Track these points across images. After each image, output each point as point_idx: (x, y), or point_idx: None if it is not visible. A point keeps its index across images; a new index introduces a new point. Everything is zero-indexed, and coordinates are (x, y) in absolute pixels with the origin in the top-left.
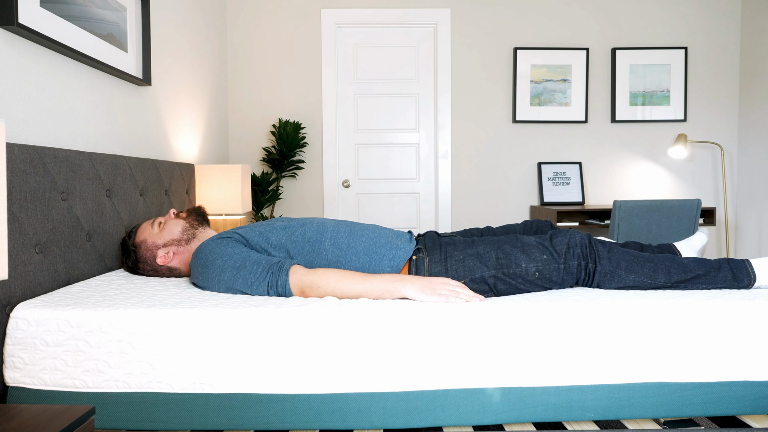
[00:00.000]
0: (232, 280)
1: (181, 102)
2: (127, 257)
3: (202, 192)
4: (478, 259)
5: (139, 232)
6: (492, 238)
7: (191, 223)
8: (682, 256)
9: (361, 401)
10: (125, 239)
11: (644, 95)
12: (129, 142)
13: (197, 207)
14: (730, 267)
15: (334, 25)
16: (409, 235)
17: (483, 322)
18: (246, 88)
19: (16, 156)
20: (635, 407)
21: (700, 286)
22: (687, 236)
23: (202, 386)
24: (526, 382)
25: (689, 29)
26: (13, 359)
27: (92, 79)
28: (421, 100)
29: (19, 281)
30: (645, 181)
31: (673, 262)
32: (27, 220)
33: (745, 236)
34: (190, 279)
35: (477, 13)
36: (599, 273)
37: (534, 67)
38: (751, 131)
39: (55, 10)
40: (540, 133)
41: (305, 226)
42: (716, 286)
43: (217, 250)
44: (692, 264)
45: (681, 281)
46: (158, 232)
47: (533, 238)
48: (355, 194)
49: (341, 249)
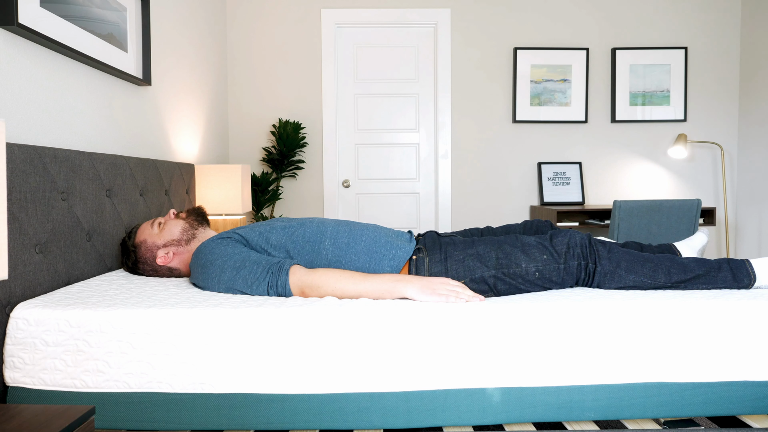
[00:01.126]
0: (232, 281)
1: (181, 102)
2: (127, 257)
3: (202, 192)
4: (478, 259)
5: (138, 232)
6: (492, 238)
7: (191, 223)
8: (682, 256)
9: (361, 401)
10: (125, 239)
11: (644, 95)
12: (129, 142)
13: (197, 207)
14: (730, 267)
15: (334, 25)
16: (409, 235)
17: (483, 322)
18: (246, 88)
19: (16, 156)
20: (635, 407)
21: (700, 286)
22: (687, 236)
23: (202, 386)
24: (526, 382)
25: (689, 29)
26: (13, 359)
27: (92, 79)
28: (421, 100)
29: (19, 281)
30: (645, 181)
31: (673, 262)
32: (27, 220)
33: (745, 236)
34: (190, 279)
35: (477, 13)
36: (599, 273)
37: (534, 67)
38: (751, 131)
39: (55, 10)
40: (540, 133)
41: (305, 226)
42: (716, 286)
43: (216, 250)
44: (692, 264)
45: (681, 281)
46: (158, 232)
47: (533, 238)
48: (355, 194)
49: (341, 249)
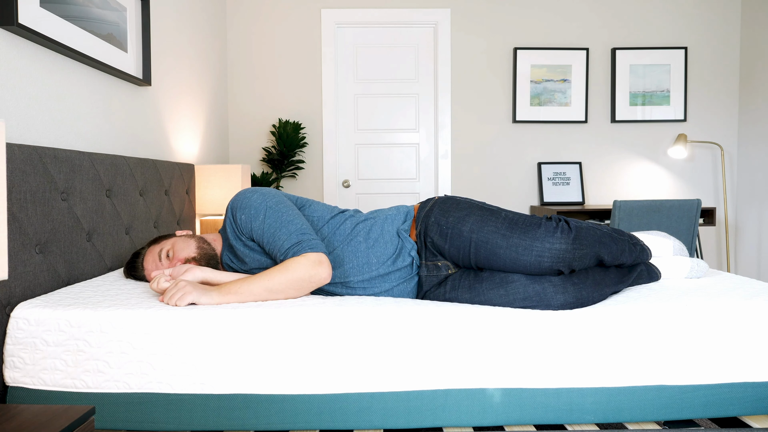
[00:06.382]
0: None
1: (181, 102)
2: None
3: (202, 192)
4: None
5: (146, 270)
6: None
7: (200, 245)
8: (659, 276)
9: (361, 401)
10: (133, 273)
11: (644, 95)
12: (129, 142)
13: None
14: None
15: (334, 25)
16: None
17: (483, 322)
18: (246, 88)
19: (16, 156)
20: (636, 410)
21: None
22: (687, 236)
23: (202, 386)
24: (527, 384)
25: (689, 29)
26: (13, 359)
27: (92, 79)
28: (421, 100)
29: (19, 281)
30: (645, 181)
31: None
32: (27, 220)
33: (745, 236)
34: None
35: (477, 13)
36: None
37: (534, 67)
38: (751, 131)
39: (55, 10)
40: (540, 133)
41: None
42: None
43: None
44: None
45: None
46: (167, 264)
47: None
48: (355, 194)
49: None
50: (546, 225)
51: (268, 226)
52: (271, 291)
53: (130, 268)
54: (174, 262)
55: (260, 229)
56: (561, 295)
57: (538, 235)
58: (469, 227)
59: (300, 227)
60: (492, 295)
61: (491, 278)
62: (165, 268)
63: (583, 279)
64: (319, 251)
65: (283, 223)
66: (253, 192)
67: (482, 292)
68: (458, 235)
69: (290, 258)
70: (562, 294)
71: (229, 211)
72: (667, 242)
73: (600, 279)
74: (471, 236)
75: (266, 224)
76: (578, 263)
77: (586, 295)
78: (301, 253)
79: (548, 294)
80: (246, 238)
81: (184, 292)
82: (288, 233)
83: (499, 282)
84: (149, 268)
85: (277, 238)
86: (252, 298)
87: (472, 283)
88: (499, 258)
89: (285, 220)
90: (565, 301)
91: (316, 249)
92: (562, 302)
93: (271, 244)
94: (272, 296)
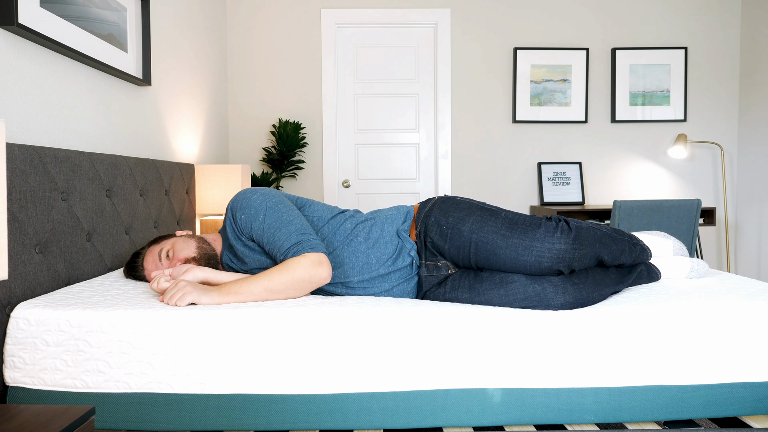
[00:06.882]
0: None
1: (181, 102)
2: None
3: (202, 192)
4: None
5: (146, 270)
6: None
7: (200, 245)
8: (659, 276)
9: (361, 401)
10: (133, 273)
11: (644, 95)
12: (129, 142)
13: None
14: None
15: (334, 25)
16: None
17: (483, 322)
18: (246, 88)
19: (16, 156)
20: (636, 410)
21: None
22: (687, 236)
23: (202, 386)
24: (527, 384)
25: (689, 29)
26: (13, 359)
27: (92, 79)
28: (421, 100)
29: (19, 281)
30: (645, 181)
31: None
32: (27, 220)
33: (745, 236)
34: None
35: (477, 13)
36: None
37: (534, 67)
38: (751, 131)
39: (55, 10)
40: (540, 133)
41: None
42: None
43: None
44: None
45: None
46: (167, 264)
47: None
48: (355, 194)
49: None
50: (546, 225)
51: (268, 226)
52: (271, 291)
53: (130, 268)
54: (174, 262)
55: (260, 229)
56: (561, 295)
57: (538, 235)
58: (469, 227)
59: (300, 227)
60: (492, 295)
61: (491, 278)
62: (165, 268)
63: (583, 279)
64: (319, 251)
65: (283, 223)
66: (253, 192)
67: (482, 292)
68: (458, 235)
69: (290, 258)
70: (562, 294)
71: (229, 211)
72: (667, 242)
73: (600, 279)
74: (471, 236)
75: (266, 224)
76: (578, 263)
77: (586, 295)
78: (301, 253)
79: (548, 294)
80: (246, 238)
81: (184, 292)
82: (288, 233)
83: (499, 282)
84: (149, 268)
85: (277, 238)
86: (252, 298)
87: (472, 283)
88: (499, 258)
89: (285, 220)
90: (565, 301)
91: (316, 249)
92: (562, 302)
93: (271, 244)
94: (272, 296)
